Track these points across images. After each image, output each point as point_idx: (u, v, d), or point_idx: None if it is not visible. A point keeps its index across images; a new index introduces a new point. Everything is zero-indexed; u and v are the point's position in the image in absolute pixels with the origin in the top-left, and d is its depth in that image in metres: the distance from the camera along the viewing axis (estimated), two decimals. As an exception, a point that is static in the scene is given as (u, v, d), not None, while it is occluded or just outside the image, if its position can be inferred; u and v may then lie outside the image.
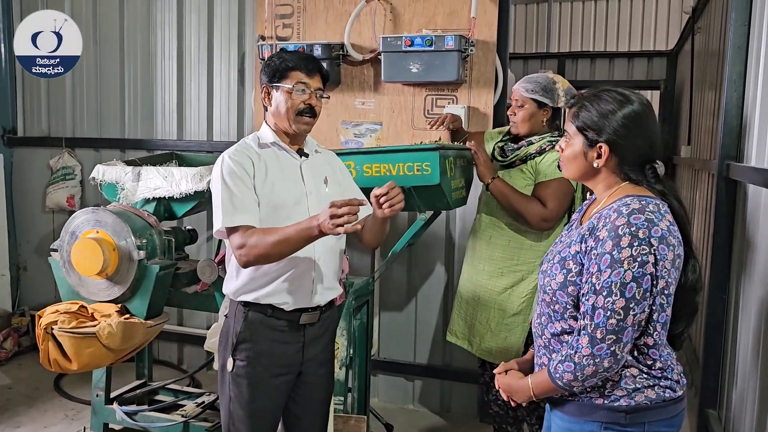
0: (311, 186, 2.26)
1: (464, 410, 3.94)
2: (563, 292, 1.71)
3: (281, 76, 2.20)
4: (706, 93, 4.69)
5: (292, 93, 2.19)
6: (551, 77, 2.95)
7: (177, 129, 4.40)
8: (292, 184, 2.23)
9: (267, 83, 2.24)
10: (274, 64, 2.23)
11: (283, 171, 2.23)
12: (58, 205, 4.67)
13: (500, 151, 3.05)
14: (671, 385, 1.70)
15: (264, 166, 2.19)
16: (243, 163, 2.16)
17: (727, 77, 3.03)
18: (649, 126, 1.72)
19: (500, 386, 1.88)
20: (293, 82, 2.19)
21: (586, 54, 8.24)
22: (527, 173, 2.93)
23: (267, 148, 2.25)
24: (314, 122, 2.26)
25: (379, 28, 3.72)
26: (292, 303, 2.22)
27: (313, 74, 2.22)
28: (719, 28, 4.13)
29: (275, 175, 2.20)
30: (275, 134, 2.26)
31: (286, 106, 2.20)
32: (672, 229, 1.64)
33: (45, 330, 2.95)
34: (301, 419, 2.38)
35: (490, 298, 3.00)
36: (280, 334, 2.24)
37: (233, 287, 2.24)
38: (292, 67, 2.20)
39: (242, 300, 2.23)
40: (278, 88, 2.21)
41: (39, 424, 3.68)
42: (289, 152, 2.27)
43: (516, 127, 2.97)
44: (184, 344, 4.58)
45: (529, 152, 2.91)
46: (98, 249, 2.97)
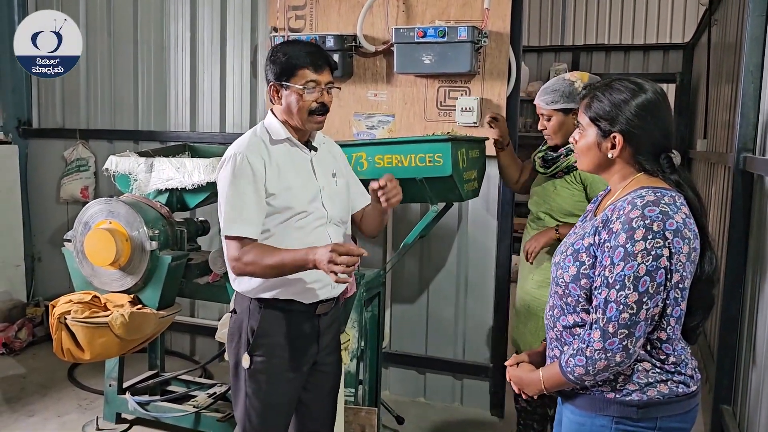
0: (323, 181, 2.23)
1: (476, 404, 3.93)
2: (576, 284, 1.70)
3: (289, 75, 2.11)
4: (723, 86, 4.63)
5: (303, 94, 2.12)
6: (568, 78, 2.82)
7: (190, 121, 4.41)
8: (306, 180, 2.19)
9: (275, 81, 2.15)
10: (280, 60, 2.13)
11: (297, 168, 2.19)
12: (72, 196, 4.71)
13: (542, 162, 2.94)
14: (684, 380, 1.68)
15: (276, 165, 2.13)
16: (255, 164, 2.09)
17: (744, 69, 2.99)
18: (663, 114, 1.69)
19: (511, 378, 1.87)
20: (303, 81, 2.10)
21: (601, 47, 8.14)
22: (572, 183, 2.81)
23: (279, 143, 2.18)
24: (325, 119, 2.21)
25: (392, 20, 3.70)
26: (312, 296, 2.20)
27: (322, 69, 2.13)
28: (736, 20, 4.07)
29: (289, 173, 2.15)
30: (286, 129, 2.19)
31: (297, 106, 2.13)
32: (688, 222, 1.61)
33: (58, 320, 2.97)
34: (311, 407, 2.37)
35: (539, 308, 2.86)
36: (296, 327, 2.22)
37: (249, 286, 2.19)
38: (300, 65, 2.11)
39: (260, 297, 2.19)
40: (288, 87, 2.13)
41: (52, 413, 3.71)
42: (300, 148, 2.22)
43: (551, 138, 2.88)
44: (197, 335, 4.59)
45: (571, 163, 2.79)
46: (111, 239, 2.98)
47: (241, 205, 2.08)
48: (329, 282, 2.20)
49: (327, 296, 2.24)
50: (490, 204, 3.74)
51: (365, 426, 3.01)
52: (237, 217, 2.08)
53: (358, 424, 3.01)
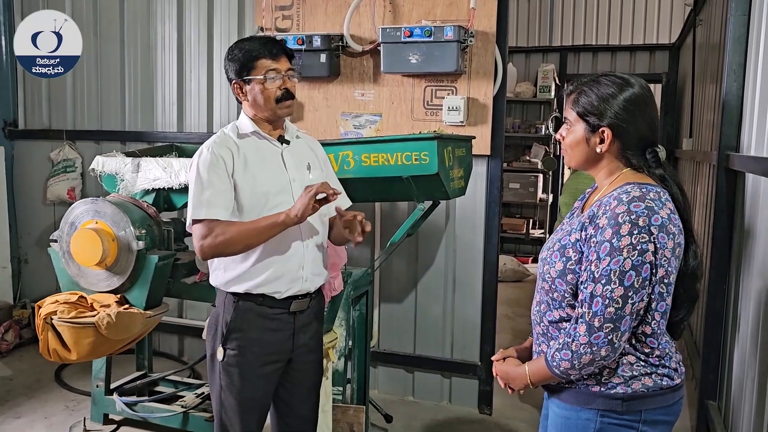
0: (294, 173, 2.26)
1: (464, 402, 3.94)
2: (562, 280, 1.71)
3: (249, 68, 2.19)
4: (708, 86, 4.68)
5: (265, 82, 2.18)
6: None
7: (177, 121, 4.40)
8: (275, 172, 2.23)
9: (236, 79, 2.22)
10: (238, 57, 2.20)
11: (265, 160, 2.23)
12: (58, 197, 4.68)
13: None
14: (669, 373, 1.69)
15: (243, 157, 2.19)
16: (221, 155, 2.15)
17: (727, 68, 3.02)
18: (650, 109, 1.71)
19: (498, 373, 1.88)
20: (263, 72, 2.17)
21: (588, 47, 8.20)
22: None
23: (246, 137, 2.24)
24: (293, 103, 2.26)
25: (379, 19, 3.71)
26: (284, 291, 2.22)
27: (279, 57, 2.20)
28: (720, 20, 4.11)
29: (256, 165, 2.20)
30: (254, 123, 2.25)
31: (263, 97, 2.18)
32: (673, 218, 1.63)
33: (44, 320, 2.96)
34: (291, 406, 2.39)
35: None
36: (270, 322, 2.24)
37: (222, 279, 2.24)
38: (256, 56, 2.18)
39: (233, 291, 2.23)
40: (249, 81, 2.20)
41: (39, 415, 3.69)
42: (269, 140, 2.26)
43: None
44: (185, 336, 4.58)
45: None
46: (97, 239, 2.97)
47: (207, 193, 2.12)
48: (300, 276, 2.24)
49: (298, 291, 2.25)
50: (478, 203, 3.75)
51: (353, 424, 3.01)
52: (203, 202, 2.11)
53: (346, 423, 3.02)
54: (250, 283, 2.20)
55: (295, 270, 2.23)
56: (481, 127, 3.61)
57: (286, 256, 2.21)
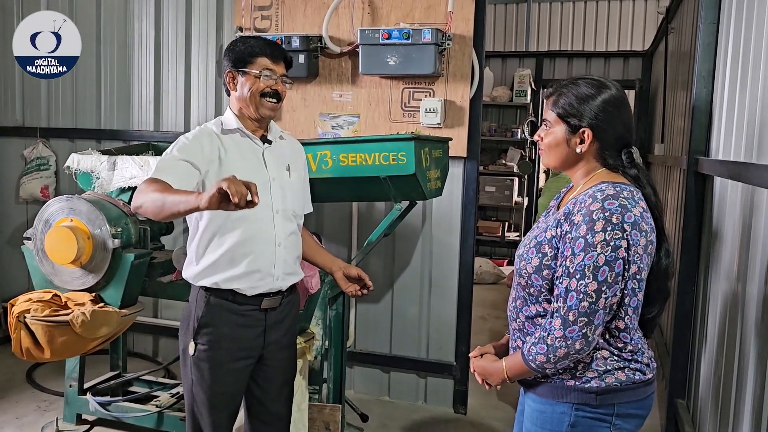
0: (274, 173, 2.28)
1: (439, 402, 3.97)
2: (538, 275, 1.74)
3: (247, 62, 2.22)
4: (679, 92, 4.77)
5: (258, 78, 2.21)
6: None
7: (154, 120, 4.37)
8: (254, 170, 2.23)
9: (232, 68, 2.25)
10: (239, 49, 2.24)
11: (245, 158, 2.24)
12: (32, 195, 4.62)
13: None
14: (641, 368, 1.74)
15: (223, 149, 2.20)
16: (199, 139, 2.18)
17: (697, 74, 3.10)
18: (626, 110, 1.76)
19: (475, 369, 1.91)
20: (259, 69, 2.22)
21: (563, 53, 8.33)
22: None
23: (229, 133, 2.25)
24: (278, 107, 2.29)
25: (357, 21, 3.73)
26: (253, 288, 2.23)
27: (278, 60, 2.25)
28: (691, 28, 4.20)
29: (236, 161, 2.20)
30: (239, 120, 2.26)
31: (251, 90, 2.21)
32: (645, 216, 1.67)
33: (17, 318, 2.91)
34: (263, 403, 2.40)
35: None
36: (241, 318, 2.25)
37: (193, 272, 2.26)
38: (257, 53, 2.22)
39: (202, 285, 2.24)
40: (244, 73, 2.22)
41: (11, 416, 3.64)
42: (252, 138, 2.28)
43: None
44: (160, 336, 4.55)
45: None
46: (72, 237, 2.94)
47: (170, 165, 2.09)
48: (271, 274, 2.25)
49: (269, 289, 2.26)
50: (454, 204, 3.79)
51: (329, 423, 3.02)
52: (160, 168, 2.07)
53: (322, 421, 3.02)
54: (219, 276, 2.20)
55: (267, 268, 2.24)
56: (457, 129, 3.65)
57: (257, 253, 2.22)
